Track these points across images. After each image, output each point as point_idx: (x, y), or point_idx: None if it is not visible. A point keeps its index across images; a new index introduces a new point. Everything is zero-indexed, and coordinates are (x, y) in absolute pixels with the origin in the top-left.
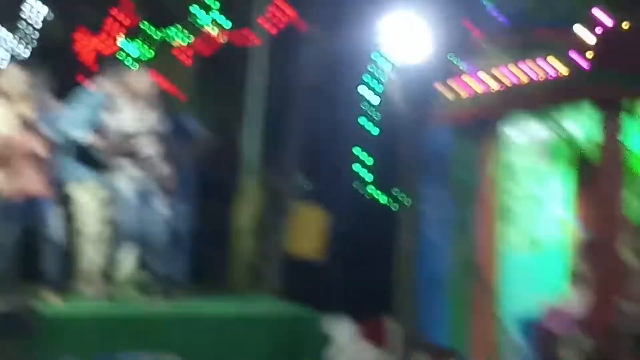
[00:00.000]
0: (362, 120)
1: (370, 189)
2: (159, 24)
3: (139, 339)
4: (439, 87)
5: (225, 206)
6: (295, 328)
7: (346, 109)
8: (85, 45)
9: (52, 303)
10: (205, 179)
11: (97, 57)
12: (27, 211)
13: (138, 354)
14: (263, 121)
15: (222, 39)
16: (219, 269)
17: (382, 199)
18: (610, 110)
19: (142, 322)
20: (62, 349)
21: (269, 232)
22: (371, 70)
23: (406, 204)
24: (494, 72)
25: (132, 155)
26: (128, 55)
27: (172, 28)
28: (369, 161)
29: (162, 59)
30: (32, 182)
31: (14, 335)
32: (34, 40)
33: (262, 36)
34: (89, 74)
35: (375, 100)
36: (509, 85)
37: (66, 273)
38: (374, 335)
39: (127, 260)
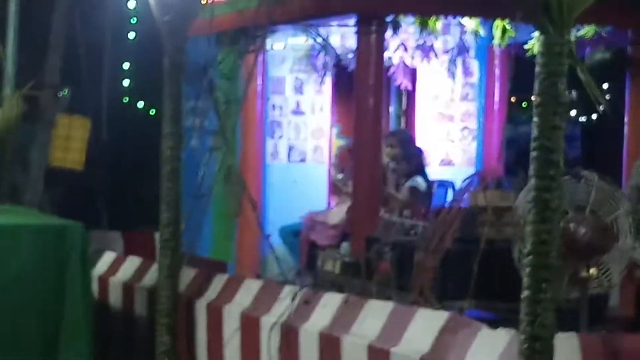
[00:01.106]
0: (131, 35)
1: (135, 101)
2: None
3: None
4: None
5: None
6: (58, 240)
7: (113, 20)
8: None
9: None
10: None
11: None
12: None
13: None
14: (22, 31)
15: None
16: None
17: (148, 110)
18: (372, 23)
19: None
20: None
21: (30, 144)
22: None
23: (168, 114)
24: None
25: None
26: None
27: None
28: (132, 72)
29: None
30: None
31: None
32: None
33: None
34: None
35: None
36: None
37: None
38: (142, 248)
39: None
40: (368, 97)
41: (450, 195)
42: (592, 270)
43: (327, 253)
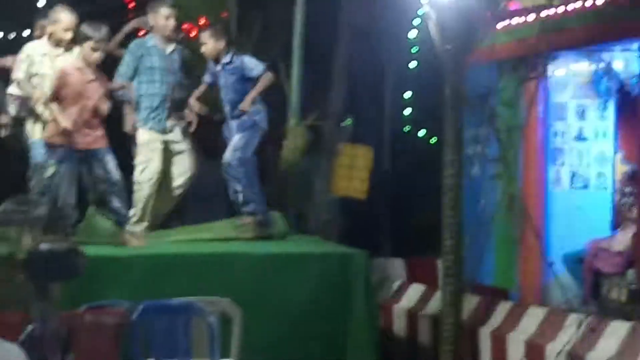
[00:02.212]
0: (412, 64)
1: (417, 130)
2: None
3: (185, 280)
4: (480, 22)
5: (273, 149)
6: (343, 267)
7: (394, 50)
8: None
9: (133, 245)
10: None
11: None
12: (87, 159)
13: (189, 299)
14: (306, 64)
15: None
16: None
17: (429, 139)
18: None
19: (188, 263)
20: (109, 291)
21: (314, 173)
22: (420, 11)
23: (449, 142)
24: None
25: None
26: None
27: None
28: (413, 101)
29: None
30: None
31: (60, 276)
32: None
33: None
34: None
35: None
36: (549, 17)
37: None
38: (425, 276)
39: None
40: None
41: None
42: None
43: (613, 280)
